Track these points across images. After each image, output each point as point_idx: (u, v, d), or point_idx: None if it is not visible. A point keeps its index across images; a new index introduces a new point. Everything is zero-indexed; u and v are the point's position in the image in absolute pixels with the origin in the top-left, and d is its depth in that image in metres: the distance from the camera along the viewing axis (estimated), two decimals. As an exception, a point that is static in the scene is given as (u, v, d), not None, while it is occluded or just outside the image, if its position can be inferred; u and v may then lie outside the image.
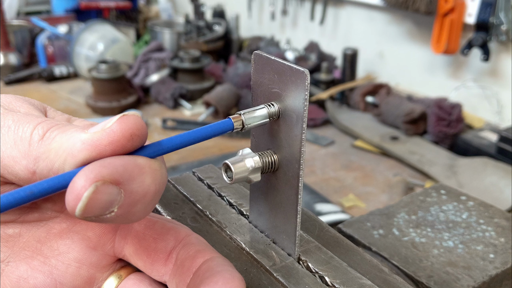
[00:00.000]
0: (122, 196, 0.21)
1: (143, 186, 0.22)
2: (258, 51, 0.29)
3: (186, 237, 0.27)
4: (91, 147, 0.21)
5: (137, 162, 0.22)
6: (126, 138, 0.21)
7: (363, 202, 1.00)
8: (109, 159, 0.21)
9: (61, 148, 0.22)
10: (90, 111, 1.45)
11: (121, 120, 0.21)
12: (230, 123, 0.26)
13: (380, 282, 0.28)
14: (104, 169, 0.20)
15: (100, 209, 0.20)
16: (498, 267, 0.40)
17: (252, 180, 0.28)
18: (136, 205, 0.22)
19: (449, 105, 1.23)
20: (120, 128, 0.21)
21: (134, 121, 0.22)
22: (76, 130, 0.22)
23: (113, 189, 0.21)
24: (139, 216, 0.23)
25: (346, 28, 1.73)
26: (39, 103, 0.28)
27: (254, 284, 0.28)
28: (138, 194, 0.21)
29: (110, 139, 0.21)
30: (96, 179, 0.20)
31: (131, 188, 0.21)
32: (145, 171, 0.22)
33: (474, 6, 1.26)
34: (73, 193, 0.20)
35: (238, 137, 1.31)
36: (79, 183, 0.20)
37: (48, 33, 1.82)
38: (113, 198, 0.21)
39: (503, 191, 0.99)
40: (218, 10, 1.97)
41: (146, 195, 0.22)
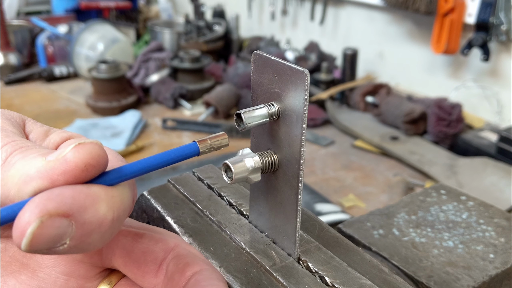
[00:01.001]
0: (74, 228, 0.20)
1: (98, 216, 0.21)
2: (258, 51, 0.29)
3: (176, 248, 0.26)
4: (44, 176, 0.21)
5: (90, 191, 0.21)
6: (80, 169, 0.21)
7: (363, 202, 1.00)
8: (58, 190, 0.20)
9: (17, 175, 0.21)
10: (90, 111, 1.45)
11: (75, 149, 0.21)
12: (196, 148, 0.25)
13: (380, 282, 0.28)
14: (50, 202, 0.20)
15: (48, 243, 0.20)
16: (498, 267, 0.40)
17: (252, 180, 0.28)
18: (91, 235, 0.21)
19: (449, 105, 1.23)
20: (73, 158, 0.21)
21: (90, 151, 0.21)
22: (35, 156, 0.22)
23: (62, 222, 0.20)
24: (96, 245, 0.22)
25: (346, 28, 1.73)
26: (18, 115, 0.27)
27: (254, 284, 0.28)
28: (92, 224, 0.21)
29: (63, 169, 0.21)
30: (41, 213, 0.19)
31: (83, 219, 0.20)
32: (99, 200, 0.21)
33: (474, 6, 1.26)
34: (18, 229, 0.19)
35: (238, 137, 1.31)
36: (23, 218, 0.19)
37: (48, 33, 1.82)
38: (62, 231, 0.20)
39: (503, 191, 0.99)
40: (218, 10, 1.97)
41: (102, 225, 0.21)
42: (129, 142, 1.25)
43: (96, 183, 0.22)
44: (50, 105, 1.51)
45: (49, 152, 0.22)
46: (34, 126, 0.27)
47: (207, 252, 0.30)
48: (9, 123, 0.26)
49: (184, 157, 0.25)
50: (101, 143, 0.22)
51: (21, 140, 0.24)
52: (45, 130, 0.27)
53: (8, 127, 0.25)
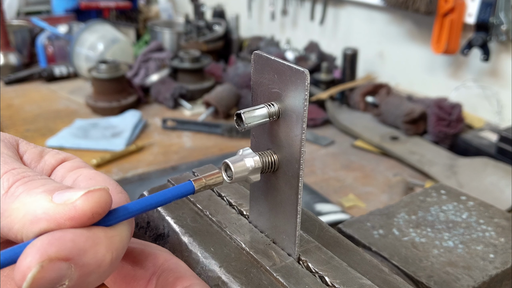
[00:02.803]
0: (73, 271, 0.20)
1: (97, 258, 0.21)
2: (258, 51, 0.29)
3: (165, 263, 0.27)
4: (51, 219, 0.21)
5: (90, 234, 0.21)
6: (87, 217, 0.21)
7: (363, 202, 1.00)
8: (60, 233, 0.21)
9: (22, 211, 0.22)
10: (90, 111, 1.45)
11: (85, 197, 0.21)
12: (191, 187, 0.26)
13: (380, 282, 0.28)
14: (51, 247, 0.20)
15: (48, 285, 0.20)
16: (498, 267, 0.40)
17: (251, 180, 0.28)
18: (90, 276, 0.21)
19: (449, 105, 1.23)
20: (82, 206, 0.21)
21: (99, 199, 0.21)
22: (41, 194, 0.22)
23: (62, 266, 0.20)
24: (94, 284, 0.22)
25: (346, 28, 1.73)
26: (10, 136, 0.27)
27: (254, 284, 0.28)
28: (91, 266, 0.21)
29: (71, 215, 0.21)
30: (42, 258, 0.20)
31: (82, 261, 0.21)
32: (99, 242, 0.22)
33: (474, 6, 1.26)
34: (19, 273, 0.20)
35: (238, 137, 1.31)
36: (24, 263, 0.20)
37: (48, 33, 1.82)
38: (62, 274, 0.20)
39: (503, 191, 0.99)
40: (218, 10, 1.97)
41: (101, 266, 0.21)
42: (129, 142, 1.25)
43: (96, 225, 0.22)
44: (50, 105, 1.51)
45: (53, 188, 0.22)
46: (27, 147, 0.27)
47: (207, 252, 0.30)
48: (3, 145, 0.25)
49: (180, 196, 0.25)
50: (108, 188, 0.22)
51: (21, 167, 0.24)
52: (39, 151, 0.27)
53: (4, 150, 0.25)
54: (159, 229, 0.34)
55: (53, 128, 1.33)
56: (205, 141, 1.30)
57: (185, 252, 0.31)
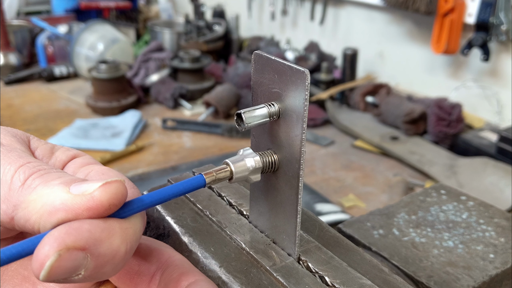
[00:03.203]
0: (89, 260, 0.21)
1: (112, 248, 0.22)
2: (258, 51, 0.29)
3: (170, 259, 0.27)
4: (69, 209, 0.21)
5: (106, 225, 0.22)
6: (104, 208, 0.22)
7: (363, 202, 1.00)
8: (77, 223, 0.21)
9: (40, 202, 0.22)
10: (90, 111, 1.45)
11: (103, 188, 0.22)
12: (202, 180, 0.26)
13: (380, 282, 0.28)
14: (69, 236, 0.20)
15: (65, 274, 0.20)
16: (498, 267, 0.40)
17: (252, 180, 0.28)
18: (105, 266, 0.22)
19: (449, 105, 1.23)
20: (100, 197, 0.21)
21: (116, 191, 0.22)
22: (59, 185, 0.22)
23: (78, 255, 0.21)
24: (109, 274, 0.23)
25: (346, 28, 1.73)
26: (22, 132, 0.28)
27: (254, 284, 0.28)
28: (106, 256, 0.21)
29: (89, 206, 0.21)
30: (59, 247, 0.20)
31: (98, 252, 0.21)
32: (114, 233, 0.22)
33: (474, 6, 1.26)
34: (37, 261, 0.20)
35: (238, 137, 1.31)
36: (42, 251, 0.20)
37: (48, 33, 1.82)
38: (78, 264, 0.21)
39: (503, 191, 0.99)
40: (218, 10, 1.97)
41: (116, 256, 0.22)
42: (129, 142, 1.25)
43: (111, 216, 0.23)
44: (50, 105, 1.51)
45: (70, 181, 0.23)
46: (38, 143, 0.28)
47: (207, 252, 0.30)
48: (16, 141, 0.26)
49: (192, 189, 0.26)
50: (124, 180, 0.23)
51: (36, 161, 0.24)
52: (50, 147, 0.28)
53: (17, 146, 0.26)
54: (159, 229, 0.34)
55: (53, 128, 1.33)
56: (205, 141, 1.30)
57: (185, 252, 0.31)
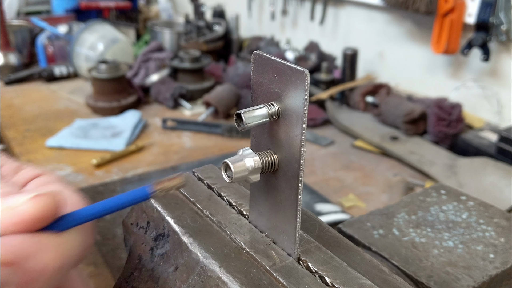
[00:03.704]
0: (18, 275, 0.20)
1: (41, 264, 0.21)
2: (258, 51, 0.29)
3: None
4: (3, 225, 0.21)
5: (37, 240, 0.21)
6: (32, 221, 0.21)
7: (363, 202, 1.00)
8: (6, 239, 0.21)
9: None
10: (90, 111, 1.45)
11: (31, 202, 0.21)
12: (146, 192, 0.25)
13: (380, 282, 0.28)
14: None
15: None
16: (498, 267, 0.40)
17: (251, 180, 0.28)
18: (35, 282, 0.21)
19: (449, 105, 1.23)
20: (28, 210, 0.21)
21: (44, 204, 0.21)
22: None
23: (5, 271, 0.20)
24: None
25: (346, 28, 1.73)
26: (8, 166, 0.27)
27: (254, 284, 0.28)
28: (35, 272, 0.21)
29: (15, 220, 0.21)
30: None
31: (26, 266, 0.21)
32: (45, 249, 0.21)
33: (474, 6, 1.26)
34: None
35: (238, 137, 1.31)
36: None
37: (48, 33, 1.82)
38: (6, 279, 0.20)
39: (503, 191, 0.99)
40: (218, 10, 1.97)
41: (44, 272, 0.21)
42: (129, 142, 1.25)
43: (47, 230, 0.22)
44: (50, 105, 1.51)
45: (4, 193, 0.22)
46: (6, 161, 0.28)
47: (207, 252, 0.30)
48: None
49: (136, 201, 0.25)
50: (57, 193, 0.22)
51: None
52: (17, 166, 0.27)
53: None
54: (159, 229, 0.34)
55: (53, 128, 1.33)
56: (205, 141, 1.30)
57: (185, 252, 0.31)
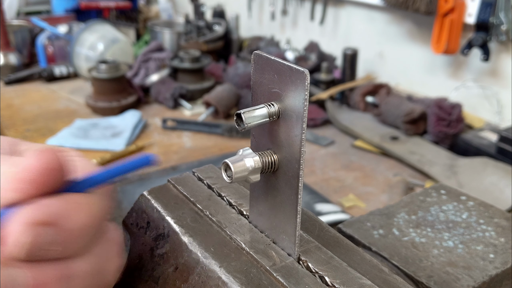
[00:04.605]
0: (59, 235, 0.21)
1: (79, 223, 0.22)
2: (258, 51, 0.29)
3: None
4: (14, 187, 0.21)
5: (71, 199, 0.22)
6: (44, 175, 0.22)
7: (363, 202, 1.00)
8: (44, 201, 0.21)
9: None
10: (90, 111, 1.45)
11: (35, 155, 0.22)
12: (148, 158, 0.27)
13: (380, 282, 0.28)
14: (37, 212, 0.21)
15: (37, 249, 0.21)
16: (498, 267, 0.40)
17: (251, 180, 0.28)
18: (73, 241, 0.22)
19: (449, 105, 1.23)
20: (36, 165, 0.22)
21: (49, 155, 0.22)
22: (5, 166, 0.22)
23: (49, 230, 0.21)
24: (76, 250, 0.23)
25: (346, 28, 1.73)
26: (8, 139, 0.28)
27: (254, 284, 0.28)
28: (73, 230, 0.22)
29: (29, 178, 0.21)
30: (30, 223, 0.20)
31: (66, 225, 0.22)
32: (80, 207, 0.22)
33: (474, 6, 1.26)
34: (8, 239, 0.20)
35: (238, 137, 1.31)
36: (13, 228, 0.20)
37: (48, 33, 1.82)
38: (49, 238, 0.21)
39: (503, 191, 0.99)
40: (218, 10, 1.97)
41: (82, 230, 0.22)
42: (129, 142, 1.25)
43: (75, 192, 0.23)
44: (50, 105, 1.51)
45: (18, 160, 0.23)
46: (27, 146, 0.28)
47: (207, 252, 0.30)
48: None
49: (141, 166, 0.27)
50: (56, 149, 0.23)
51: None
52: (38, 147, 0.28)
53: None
54: (159, 229, 0.34)
55: (53, 128, 1.33)
56: (205, 141, 1.30)
57: (185, 252, 0.31)
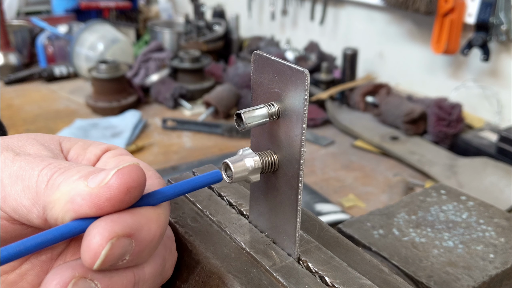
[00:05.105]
0: (133, 246, 0.22)
1: (151, 233, 0.23)
2: (258, 51, 0.29)
3: None
4: (91, 203, 0.22)
5: (144, 213, 0.23)
6: (123, 193, 0.22)
7: (363, 202, 1.00)
8: (119, 214, 0.22)
9: (63, 199, 0.23)
10: (90, 111, 1.45)
11: (117, 175, 0.22)
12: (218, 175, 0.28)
13: (380, 282, 0.28)
14: (117, 225, 0.22)
15: (115, 260, 0.22)
16: (498, 267, 0.40)
17: (251, 180, 0.28)
18: (144, 250, 0.23)
19: (449, 105, 1.23)
20: (116, 184, 0.22)
21: (130, 174, 0.22)
22: (78, 180, 0.23)
23: (126, 242, 0.22)
24: (146, 258, 0.24)
25: (346, 28, 1.72)
26: (50, 137, 0.29)
27: (254, 284, 0.28)
28: (146, 240, 0.23)
29: (107, 196, 0.22)
30: (110, 236, 0.21)
31: (140, 237, 0.23)
32: (151, 220, 0.23)
33: (474, 6, 1.26)
34: (90, 252, 0.21)
35: (238, 137, 1.31)
36: (95, 241, 0.21)
37: (48, 33, 1.82)
38: (126, 250, 0.22)
39: (503, 191, 0.99)
40: (218, 10, 1.97)
41: (153, 240, 0.24)
42: (129, 142, 1.25)
43: (145, 205, 0.24)
44: (50, 105, 1.51)
45: (88, 173, 0.23)
46: (71, 144, 0.29)
47: (207, 252, 0.30)
48: (42, 148, 0.27)
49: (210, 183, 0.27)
50: (138, 164, 0.24)
51: (57, 161, 0.25)
52: (82, 145, 0.29)
53: (42, 152, 0.26)
54: (159, 229, 0.34)
55: (53, 128, 1.33)
56: (205, 141, 1.30)
57: (185, 252, 0.31)
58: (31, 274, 0.26)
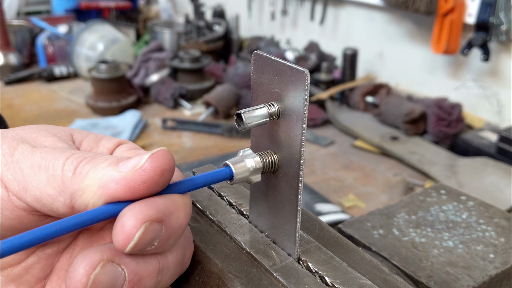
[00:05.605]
0: (163, 232, 0.23)
1: (179, 221, 0.24)
2: (258, 51, 0.29)
3: None
4: (125, 187, 0.23)
5: (174, 200, 0.24)
6: (157, 175, 0.23)
7: (363, 202, 1.00)
8: (152, 199, 0.23)
9: (94, 185, 0.23)
10: (90, 111, 1.45)
11: (152, 158, 0.23)
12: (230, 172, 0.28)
13: (380, 282, 0.28)
14: (150, 209, 0.22)
15: (146, 244, 0.22)
16: (498, 267, 0.40)
17: (252, 181, 0.28)
18: (171, 238, 0.24)
19: (449, 105, 1.23)
20: (151, 167, 0.23)
21: (164, 158, 0.23)
22: (108, 166, 0.23)
23: (157, 227, 0.23)
24: (172, 245, 0.25)
25: (346, 28, 1.72)
26: (62, 129, 0.29)
27: (254, 284, 0.28)
28: (174, 227, 0.24)
29: (143, 178, 0.23)
30: (145, 219, 0.22)
31: (170, 223, 0.23)
32: (180, 207, 0.24)
33: (474, 6, 1.26)
34: (123, 233, 0.22)
35: (238, 137, 1.31)
36: (130, 223, 0.22)
37: (48, 33, 1.82)
38: (156, 235, 0.23)
39: (503, 191, 0.99)
40: (218, 10, 1.97)
41: (180, 228, 0.24)
42: (129, 142, 1.25)
43: (174, 193, 0.25)
44: (50, 105, 1.51)
45: (117, 161, 0.24)
46: (82, 136, 0.29)
47: (207, 252, 0.30)
48: (57, 140, 0.27)
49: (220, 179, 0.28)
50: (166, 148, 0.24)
51: (80, 152, 0.25)
52: (93, 138, 0.29)
53: (59, 144, 0.27)
54: (159, 229, 0.34)
55: (53, 128, 1.33)
56: (205, 141, 1.30)
57: (185, 252, 0.31)
58: (37, 268, 0.26)
